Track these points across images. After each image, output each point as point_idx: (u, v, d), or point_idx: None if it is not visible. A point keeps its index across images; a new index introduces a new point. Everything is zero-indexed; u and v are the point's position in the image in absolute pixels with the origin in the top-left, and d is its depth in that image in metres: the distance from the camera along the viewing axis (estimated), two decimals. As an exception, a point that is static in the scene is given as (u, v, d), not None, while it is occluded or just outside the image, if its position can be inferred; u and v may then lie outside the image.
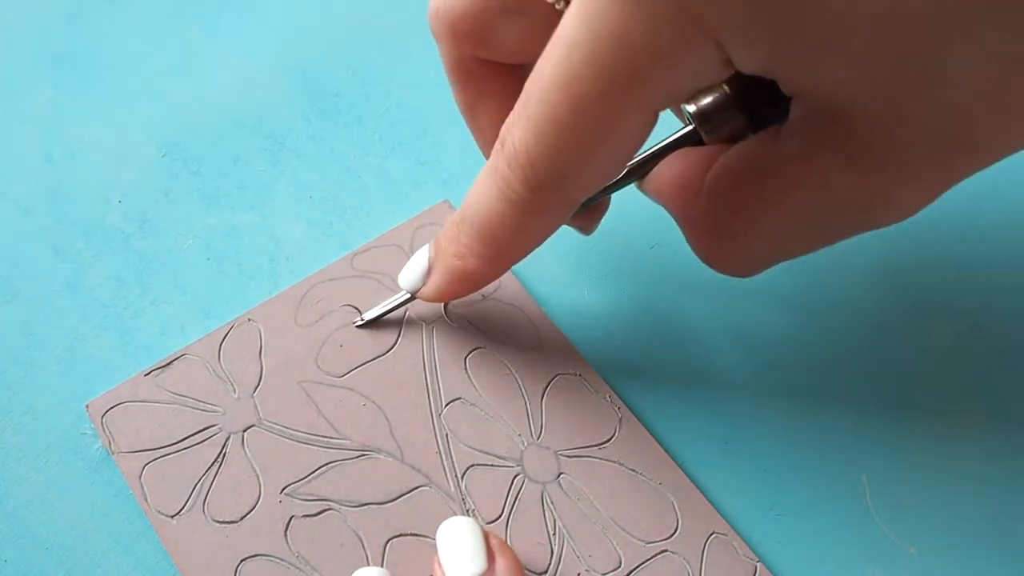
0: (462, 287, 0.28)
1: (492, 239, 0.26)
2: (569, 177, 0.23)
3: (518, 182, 0.23)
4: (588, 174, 0.23)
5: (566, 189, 0.23)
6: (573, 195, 0.24)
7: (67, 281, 0.32)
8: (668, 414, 0.31)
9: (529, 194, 0.23)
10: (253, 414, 0.29)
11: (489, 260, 0.27)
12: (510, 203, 0.24)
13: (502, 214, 0.24)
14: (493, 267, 0.27)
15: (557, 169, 0.22)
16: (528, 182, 0.23)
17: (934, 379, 0.32)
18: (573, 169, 0.22)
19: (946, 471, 0.30)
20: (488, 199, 0.25)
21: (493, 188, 0.24)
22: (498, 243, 0.26)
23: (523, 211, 0.24)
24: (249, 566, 0.27)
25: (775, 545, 0.29)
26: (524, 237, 0.25)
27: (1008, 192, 0.36)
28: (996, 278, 0.34)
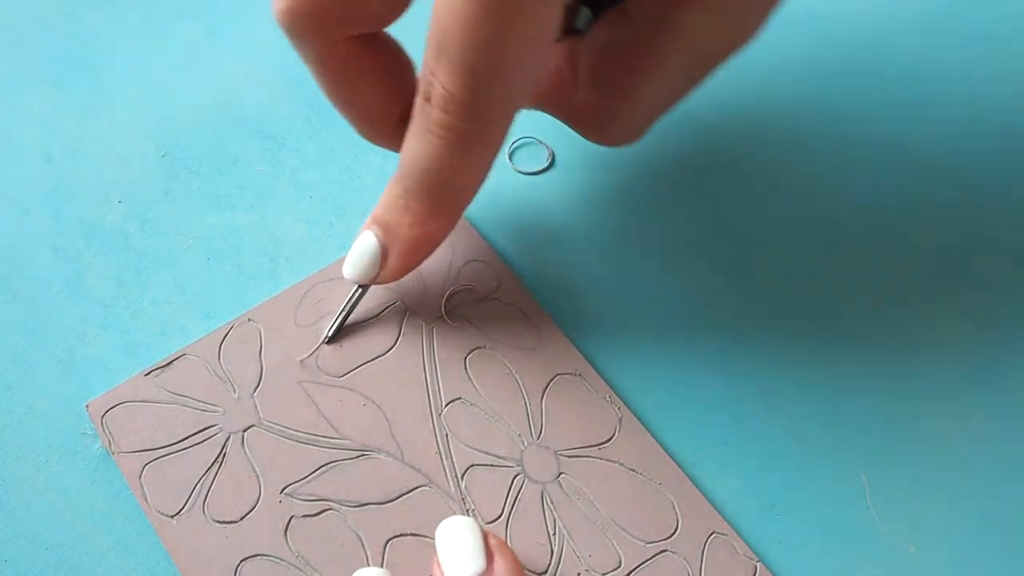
0: (424, 253, 0.28)
1: (449, 191, 0.26)
2: (509, 88, 0.23)
3: (462, 120, 0.23)
4: (523, 77, 0.23)
5: (508, 101, 0.24)
6: (516, 104, 0.24)
7: (67, 281, 0.32)
8: (668, 414, 0.31)
9: (476, 126, 0.24)
10: (253, 414, 0.29)
11: (448, 213, 0.27)
12: (459, 145, 0.24)
13: (452, 161, 0.25)
14: (453, 219, 0.27)
15: (496, 86, 0.23)
16: (472, 113, 0.23)
17: (934, 379, 0.32)
18: (509, 79, 0.23)
19: (946, 471, 0.30)
20: (433, 154, 0.25)
21: (436, 141, 0.24)
22: (455, 192, 0.26)
23: (473, 146, 0.24)
24: (249, 566, 0.27)
25: (775, 545, 0.29)
26: (478, 173, 0.26)
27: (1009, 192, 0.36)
28: (998, 276, 0.34)
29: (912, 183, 0.36)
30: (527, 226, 0.34)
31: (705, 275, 0.34)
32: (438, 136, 0.24)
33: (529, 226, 0.34)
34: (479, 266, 0.33)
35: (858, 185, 0.36)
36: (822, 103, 0.38)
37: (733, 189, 0.36)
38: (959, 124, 0.38)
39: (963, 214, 0.35)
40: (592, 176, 0.36)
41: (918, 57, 0.40)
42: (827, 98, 0.38)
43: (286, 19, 0.25)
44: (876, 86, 0.39)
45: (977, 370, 0.32)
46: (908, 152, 0.37)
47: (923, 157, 0.37)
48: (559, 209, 0.35)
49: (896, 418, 0.31)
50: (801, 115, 0.38)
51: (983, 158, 0.37)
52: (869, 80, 0.39)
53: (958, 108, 0.38)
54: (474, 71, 0.23)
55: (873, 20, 0.41)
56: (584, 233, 0.34)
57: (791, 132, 0.37)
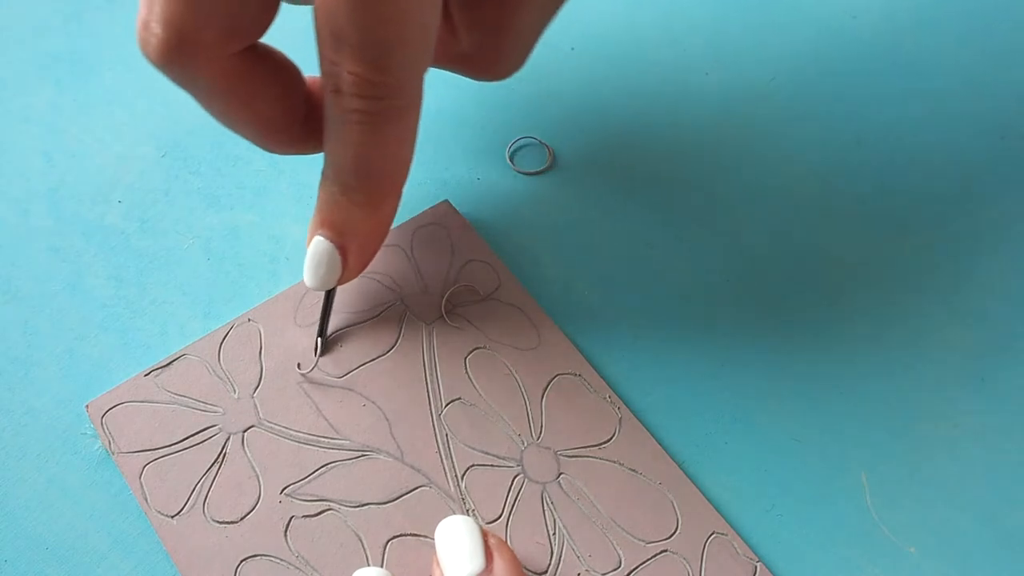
0: (381, 239, 0.28)
1: (387, 171, 0.26)
2: (413, 52, 0.23)
3: (378, 98, 0.23)
4: (423, 38, 0.23)
5: (416, 64, 0.24)
6: (423, 64, 0.24)
7: (67, 281, 0.32)
8: (668, 414, 0.31)
9: (393, 99, 0.24)
10: (253, 414, 0.29)
11: (394, 192, 0.27)
12: (383, 123, 0.24)
13: (382, 141, 0.25)
14: (399, 195, 0.27)
15: (400, 55, 0.23)
16: (386, 88, 0.23)
17: (934, 379, 0.32)
18: (411, 44, 0.23)
19: (946, 471, 0.30)
20: (362, 141, 0.25)
21: (359, 127, 0.24)
22: (393, 170, 0.26)
23: (396, 119, 0.24)
24: (249, 566, 0.27)
25: (775, 545, 0.29)
26: (409, 144, 0.26)
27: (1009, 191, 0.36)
28: (998, 276, 0.34)
29: (912, 183, 0.36)
30: (527, 226, 0.34)
31: (705, 275, 0.34)
32: (359, 122, 0.24)
33: (529, 226, 0.34)
34: (479, 266, 0.33)
35: (860, 186, 0.36)
36: (822, 102, 0.38)
37: (734, 189, 0.36)
38: (960, 123, 0.38)
39: (963, 214, 0.35)
40: (592, 176, 0.36)
41: (919, 56, 0.40)
42: (827, 97, 0.38)
43: (164, 57, 0.24)
44: (876, 86, 0.39)
45: (977, 370, 0.32)
46: (908, 152, 0.37)
47: (923, 156, 0.37)
48: (559, 209, 0.35)
49: (896, 418, 0.31)
50: (803, 115, 0.38)
51: (983, 157, 0.37)
52: (869, 80, 0.39)
53: (958, 106, 0.38)
54: (376, 48, 0.22)
55: (873, 14, 0.41)
56: (584, 233, 0.34)
57: (792, 132, 0.37)
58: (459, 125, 0.37)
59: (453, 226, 0.33)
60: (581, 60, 0.39)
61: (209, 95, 0.26)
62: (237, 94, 0.26)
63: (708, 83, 0.38)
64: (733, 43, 0.40)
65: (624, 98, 0.38)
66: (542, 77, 0.38)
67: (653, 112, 0.37)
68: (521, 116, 0.37)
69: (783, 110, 0.38)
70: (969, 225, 0.35)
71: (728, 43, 0.39)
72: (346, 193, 0.26)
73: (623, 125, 0.37)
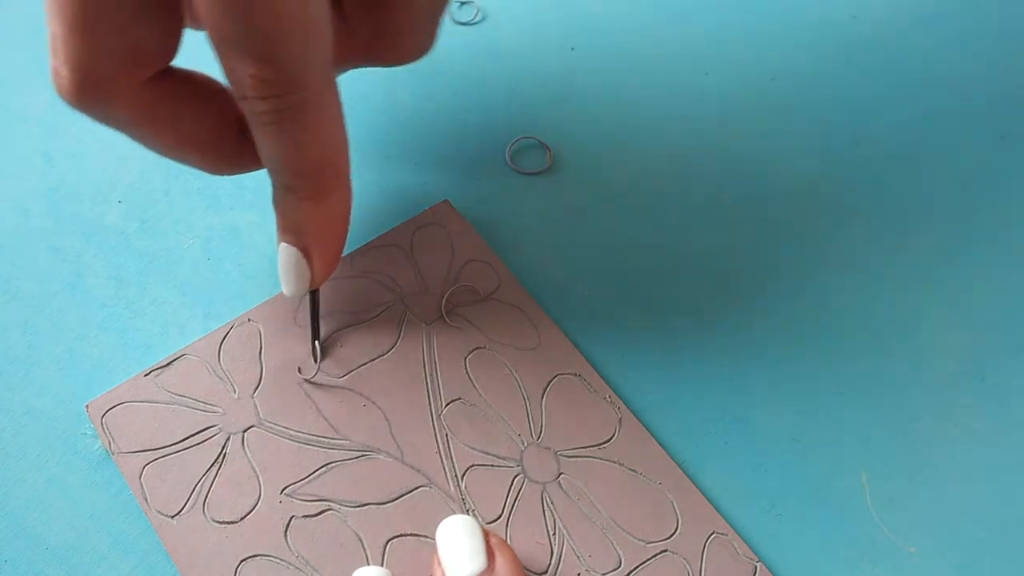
0: (343, 231, 0.28)
1: (324, 161, 0.25)
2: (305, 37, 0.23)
3: (284, 94, 0.23)
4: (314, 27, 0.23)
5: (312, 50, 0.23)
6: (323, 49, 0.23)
7: (67, 281, 0.32)
8: (668, 414, 0.31)
9: (301, 90, 0.23)
10: (253, 414, 0.29)
11: (339, 181, 0.26)
12: (300, 116, 0.24)
13: (306, 135, 0.24)
14: (346, 183, 0.27)
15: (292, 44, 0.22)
16: (289, 82, 0.23)
17: (934, 379, 0.32)
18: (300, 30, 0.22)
19: (946, 471, 0.30)
20: (285, 141, 0.24)
21: (278, 127, 0.24)
22: (331, 159, 0.25)
23: (313, 109, 0.24)
24: (249, 566, 0.27)
25: (775, 545, 0.29)
26: (336, 128, 0.25)
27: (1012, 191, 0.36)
28: (998, 276, 0.34)
29: (912, 183, 0.36)
30: (527, 226, 0.34)
31: (706, 275, 0.34)
32: (271, 122, 0.24)
33: (529, 226, 0.34)
34: (479, 266, 0.33)
35: (856, 186, 0.36)
36: (822, 103, 0.38)
37: (734, 189, 0.36)
38: (960, 123, 0.38)
39: (963, 213, 0.35)
40: (592, 176, 0.36)
41: (919, 56, 0.40)
42: (827, 97, 0.38)
43: (77, 98, 0.24)
44: (876, 86, 0.39)
45: (977, 370, 0.32)
46: (908, 152, 0.37)
47: (922, 156, 0.37)
48: (559, 209, 0.35)
49: (896, 418, 0.31)
50: (803, 115, 0.38)
51: (983, 157, 0.37)
52: (869, 80, 0.39)
53: (958, 106, 0.38)
54: (262, 46, 0.22)
55: (873, 14, 0.41)
56: (584, 233, 0.34)
57: (792, 132, 0.37)
58: (459, 125, 0.37)
59: (453, 226, 0.33)
60: (581, 60, 0.39)
61: (132, 127, 0.26)
62: (159, 121, 0.26)
63: (708, 83, 0.38)
64: (733, 43, 0.40)
65: (624, 98, 0.38)
66: (542, 77, 0.38)
67: (653, 112, 0.37)
68: (521, 116, 0.37)
69: (783, 110, 0.38)
70: (969, 225, 0.35)
71: (728, 43, 0.40)
72: (289, 193, 0.26)
73: (623, 125, 0.37)
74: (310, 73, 0.23)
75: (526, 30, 0.39)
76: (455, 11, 0.40)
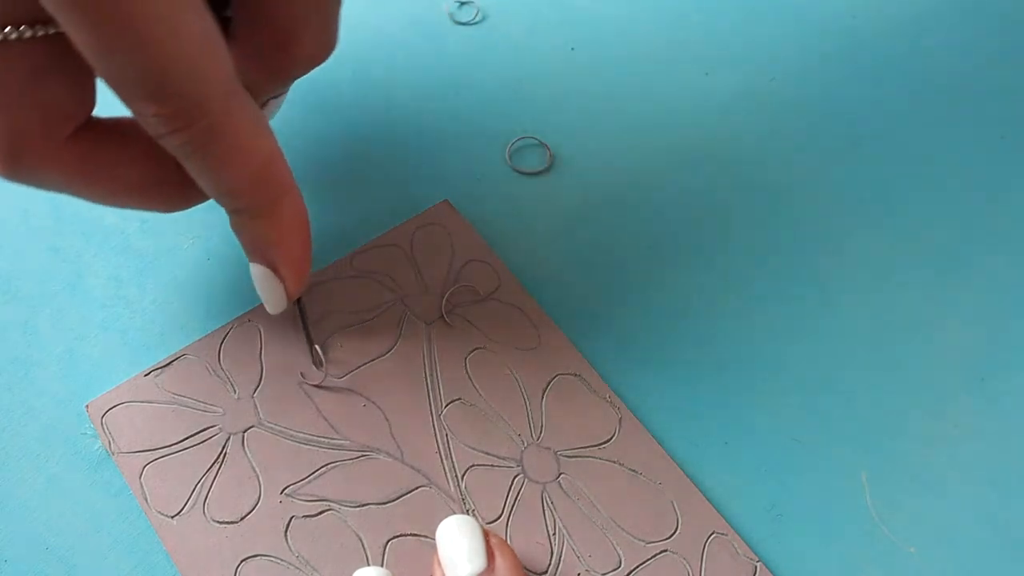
0: (302, 238, 0.28)
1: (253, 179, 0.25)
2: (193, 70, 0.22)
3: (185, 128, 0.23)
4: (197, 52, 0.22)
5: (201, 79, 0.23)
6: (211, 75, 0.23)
7: (67, 281, 0.32)
8: (668, 414, 0.31)
9: (199, 119, 0.23)
10: (253, 414, 0.29)
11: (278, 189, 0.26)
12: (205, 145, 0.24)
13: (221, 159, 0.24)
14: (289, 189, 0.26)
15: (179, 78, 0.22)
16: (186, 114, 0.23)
17: (934, 379, 0.32)
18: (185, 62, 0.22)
19: (946, 471, 0.30)
20: (208, 165, 0.24)
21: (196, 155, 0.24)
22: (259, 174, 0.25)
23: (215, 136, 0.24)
24: (249, 566, 0.27)
25: (775, 545, 0.29)
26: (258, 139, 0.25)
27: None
28: (999, 276, 0.34)
29: (912, 183, 0.36)
30: (527, 226, 0.34)
31: (705, 275, 0.34)
32: (189, 155, 0.24)
33: (529, 226, 0.34)
34: (479, 266, 0.33)
35: (857, 186, 0.36)
36: (822, 103, 0.38)
37: (734, 189, 0.36)
38: (960, 123, 0.38)
39: (963, 213, 0.35)
40: (592, 176, 0.36)
41: (919, 56, 0.40)
42: (827, 97, 0.38)
43: (5, 171, 0.25)
44: (876, 86, 0.39)
45: (977, 370, 0.32)
46: (908, 151, 0.37)
47: (922, 156, 0.37)
48: (559, 209, 0.35)
49: (896, 418, 0.31)
50: (803, 115, 0.38)
51: (983, 157, 0.37)
52: (868, 80, 0.39)
53: (958, 106, 0.38)
54: (147, 83, 0.22)
55: (873, 14, 0.41)
56: (584, 233, 0.34)
57: (792, 132, 0.37)
58: (459, 125, 0.37)
59: (453, 226, 0.33)
60: (581, 60, 0.39)
61: (69, 186, 0.26)
62: (92, 174, 0.26)
63: (708, 83, 0.38)
64: (733, 43, 0.40)
65: (624, 98, 0.38)
66: (542, 77, 0.38)
67: (653, 112, 0.37)
68: (521, 116, 0.37)
69: (783, 110, 0.38)
70: (969, 225, 0.35)
71: (728, 43, 0.40)
72: (237, 215, 0.26)
73: (623, 125, 0.37)
74: (208, 100, 0.23)
75: (526, 30, 0.39)
76: (455, 11, 0.40)
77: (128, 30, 0.21)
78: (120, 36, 0.21)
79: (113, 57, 0.22)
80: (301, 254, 0.28)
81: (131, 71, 0.22)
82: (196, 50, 0.22)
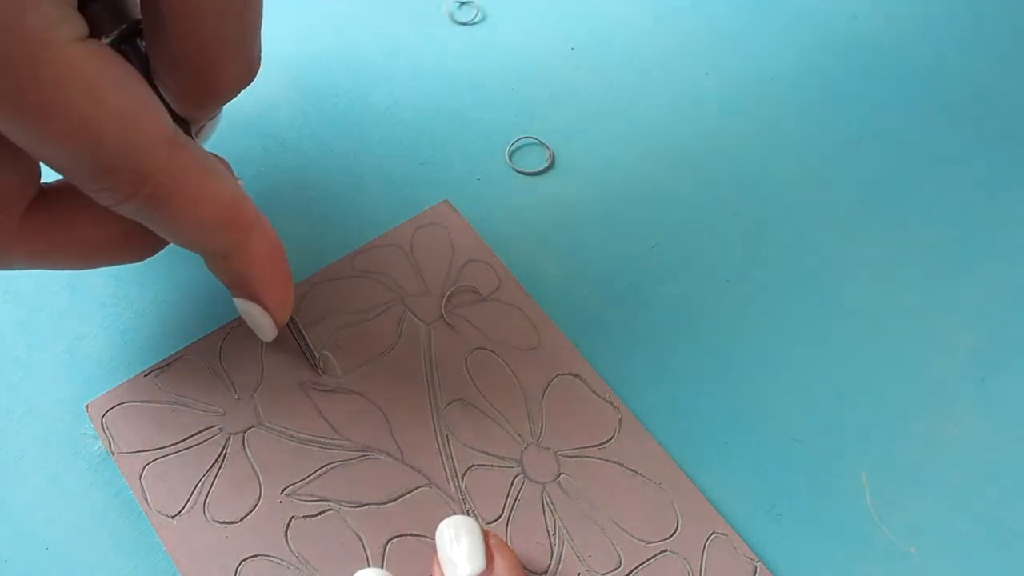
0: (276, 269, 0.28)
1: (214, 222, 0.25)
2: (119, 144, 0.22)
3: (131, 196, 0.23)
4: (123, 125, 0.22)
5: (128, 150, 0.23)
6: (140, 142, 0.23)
7: (67, 281, 0.32)
8: (668, 414, 0.31)
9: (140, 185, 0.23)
10: (253, 415, 0.29)
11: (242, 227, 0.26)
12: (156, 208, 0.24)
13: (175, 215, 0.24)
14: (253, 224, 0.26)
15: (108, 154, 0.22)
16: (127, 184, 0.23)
17: (934, 379, 0.32)
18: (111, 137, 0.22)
19: (946, 471, 0.30)
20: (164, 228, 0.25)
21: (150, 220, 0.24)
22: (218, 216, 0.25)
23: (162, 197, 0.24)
24: (249, 566, 0.27)
25: (775, 545, 0.29)
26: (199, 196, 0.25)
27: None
28: (998, 276, 0.34)
29: (912, 183, 0.36)
30: (527, 226, 0.34)
31: (705, 275, 0.34)
32: (145, 218, 0.24)
33: (529, 226, 0.34)
34: (479, 266, 0.33)
35: (860, 186, 0.36)
36: (822, 103, 0.38)
37: (734, 189, 0.36)
38: (960, 123, 0.38)
39: (963, 213, 0.35)
40: (592, 176, 0.36)
41: (919, 56, 0.40)
42: (827, 97, 0.38)
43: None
44: (876, 86, 0.39)
45: (977, 370, 0.32)
46: (908, 152, 0.37)
47: (922, 156, 0.37)
48: (559, 209, 0.35)
49: (896, 418, 0.31)
50: (803, 115, 0.38)
51: (983, 157, 0.37)
52: (869, 81, 0.39)
53: (959, 106, 0.38)
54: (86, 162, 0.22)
55: (873, 15, 0.41)
56: (584, 233, 0.34)
57: (792, 132, 0.37)
58: (459, 125, 0.37)
59: (453, 226, 0.33)
60: (581, 60, 0.39)
61: (37, 260, 0.26)
62: (57, 242, 0.26)
63: (708, 83, 0.38)
64: (733, 43, 0.40)
65: (624, 98, 0.38)
66: (542, 77, 0.38)
67: (653, 112, 0.37)
68: (521, 116, 0.37)
69: (783, 110, 0.38)
70: (970, 225, 0.35)
71: (728, 43, 0.39)
72: (210, 257, 0.27)
73: (623, 125, 0.37)
74: (148, 165, 0.23)
75: (526, 30, 0.39)
76: (455, 11, 0.40)
77: (49, 122, 0.21)
78: (43, 128, 0.21)
79: (44, 148, 0.22)
80: (280, 282, 0.28)
81: (63, 157, 0.22)
82: (125, 121, 0.22)
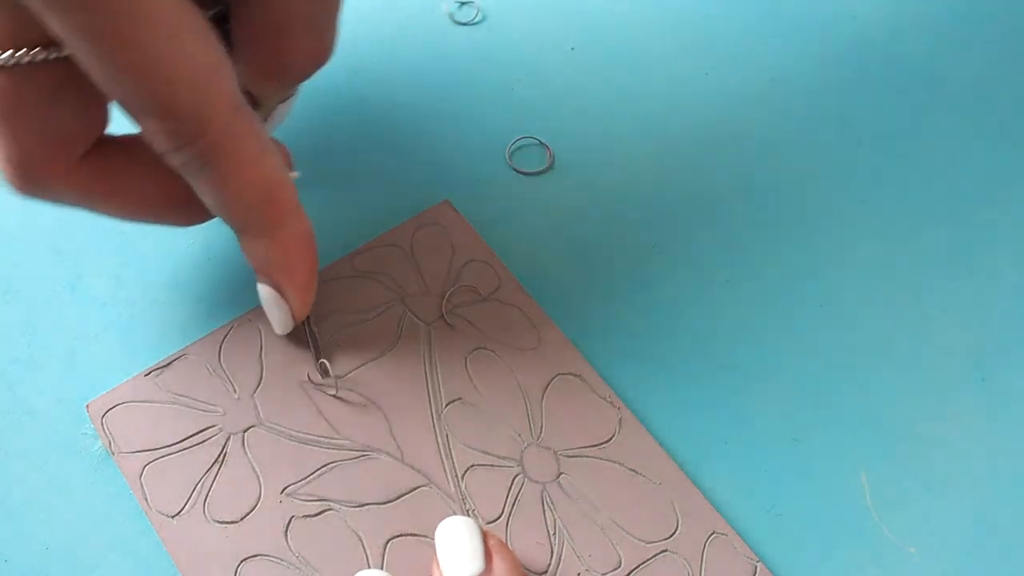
0: (304, 263, 0.28)
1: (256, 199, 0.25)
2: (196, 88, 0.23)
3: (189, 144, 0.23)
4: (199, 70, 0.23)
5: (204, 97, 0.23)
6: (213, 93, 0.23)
7: (67, 281, 0.32)
8: (668, 414, 0.31)
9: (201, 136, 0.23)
10: (253, 414, 0.29)
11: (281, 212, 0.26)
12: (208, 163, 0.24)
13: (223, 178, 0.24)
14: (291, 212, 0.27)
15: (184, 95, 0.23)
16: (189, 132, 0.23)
17: (934, 379, 0.32)
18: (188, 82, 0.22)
19: (946, 471, 0.30)
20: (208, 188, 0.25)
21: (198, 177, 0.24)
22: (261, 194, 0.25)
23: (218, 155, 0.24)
24: (249, 566, 0.27)
25: (775, 545, 0.29)
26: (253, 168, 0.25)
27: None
28: (998, 276, 0.34)
29: (912, 183, 0.36)
30: (527, 226, 0.34)
31: (706, 275, 0.34)
32: (192, 172, 0.24)
33: (529, 226, 0.34)
34: (479, 266, 0.33)
35: (857, 186, 0.36)
36: (822, 102, 0.38)
37: (734, 189, 0.36)
38: (960, 123, 0.38)
39: (963, 214, 0.35)
40: (592, 176, 0.36)
41: (919, 56, 0.40)
42: (827, 97, 0.38)
43: (25, 189, 0.25)
44: (876, 86, 0.39)
45: (977, 370, 0.32)
46: (908, 152, 0.37)
47: (922, 156, 0.37)
48: (559, 209, 0.35)
49: (896, 418, 0.31)
50: (803, 115, 0.38)
51: (983, 157, 0.37)
52: (869, 80, 0.39)
53: (959, 106, 0.38)
54: (155, 100, 0.22)
55: (874, 15, 0.41)
56: (584, 233, 0.34)
57: (792, 132, 0.37)
58: (459, 125, 0.37)
59: (453, 226, 0.33)
60: (581, 60, 0.39)
61: (84, 201, 0.26)
62: (106, 191, 0.26)
63: (708, 83, 0.38)
64: (733, 43, 0.40)
65: (624, 98, 0.38)
66: (542, 77, 0.38)
67: (653, 112, 0.37)
68: (521, 116, 0.37)
69: (783, 110, 0.38)
70: (970, 224, 0.35)
71: (728, 43, 0.40)
72: (243, 234, 0.27)
73: (623, 125, 0.37)
74: (211, 118, 0.23)
75: (526, 30, 0.39)
76: (455, 11, 0.40)
77: (131, 53, 0.21)
78: (123, 59, 0.21)
79: (118, 78, 0.22)
80: (306, 278, 0.28)
81: (135, 91, 0.22)
82: (198, 69, 0.23)
